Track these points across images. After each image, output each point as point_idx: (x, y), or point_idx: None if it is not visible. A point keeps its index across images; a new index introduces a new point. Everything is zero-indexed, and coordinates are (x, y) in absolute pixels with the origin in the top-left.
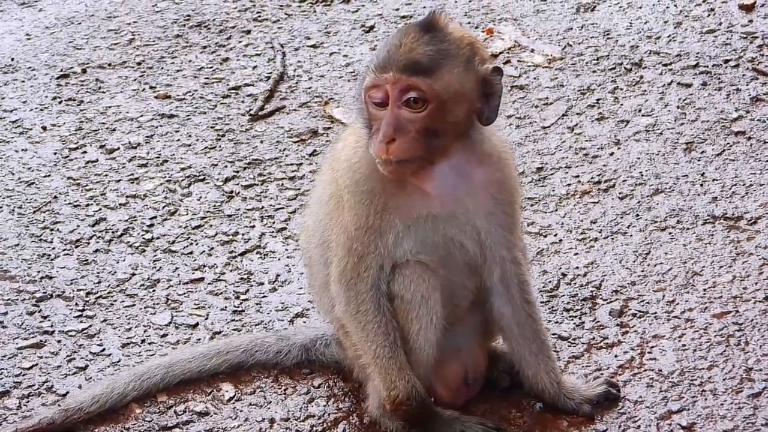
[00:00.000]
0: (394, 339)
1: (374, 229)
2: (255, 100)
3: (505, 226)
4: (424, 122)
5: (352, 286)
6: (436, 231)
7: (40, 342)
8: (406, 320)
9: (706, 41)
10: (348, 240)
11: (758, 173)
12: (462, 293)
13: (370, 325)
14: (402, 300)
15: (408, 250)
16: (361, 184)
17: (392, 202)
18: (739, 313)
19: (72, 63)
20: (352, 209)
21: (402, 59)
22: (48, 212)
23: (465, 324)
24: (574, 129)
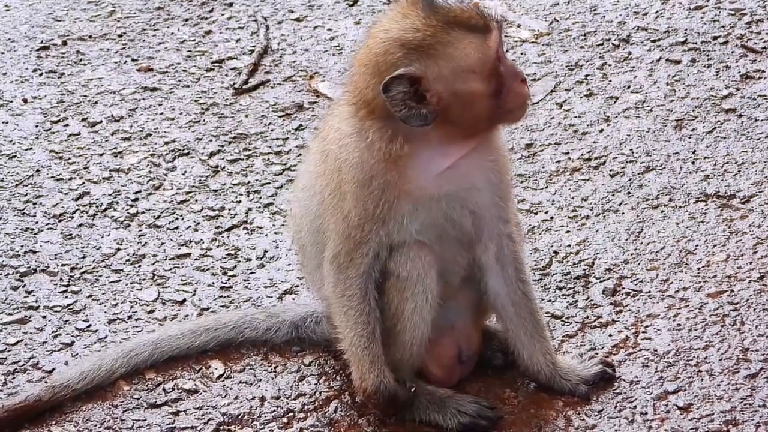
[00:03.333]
0: (373, 330)
1: (379, 218)
2: (239, 73)
3: (500, 201)
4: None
5: (344, 269)
6: (439, 211)
7: (25, 317)
8: (402, 298)
9: (694, 17)
10: (348, 228)
11: (750, 151)
12: (453, 269)
13: (352, 312)
14: (398, 278)
15: (411, 232)
16: (375, 177)
17: (403, 191)
18: (734, 293)
19: (52, 35)
20: (359, 201)
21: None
22: (30, 186)
23: (458, 301)
24: (562, 105)
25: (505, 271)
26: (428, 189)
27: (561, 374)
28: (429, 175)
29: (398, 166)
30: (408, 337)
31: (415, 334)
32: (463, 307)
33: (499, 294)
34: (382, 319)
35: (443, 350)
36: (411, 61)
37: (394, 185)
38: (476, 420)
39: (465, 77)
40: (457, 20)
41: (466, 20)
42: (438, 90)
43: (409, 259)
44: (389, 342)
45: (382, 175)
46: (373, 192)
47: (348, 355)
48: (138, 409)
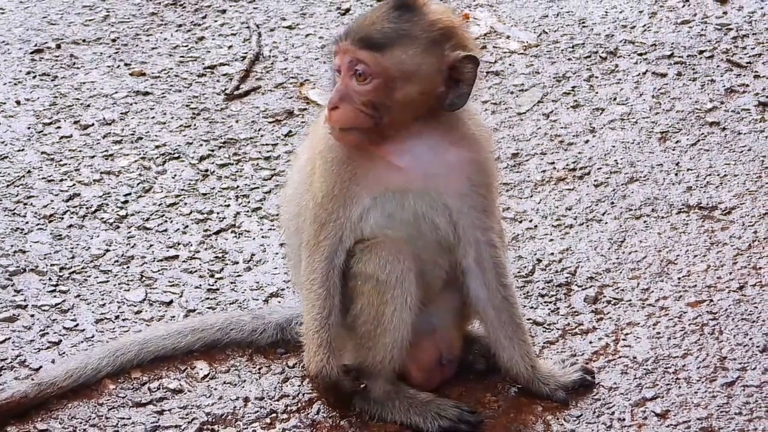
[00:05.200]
0: (327, 316)
1: (339, 198)
2: (230, 79)
3: (480, 208)
4: (368, 96)
5: (311, 254)
6: (405, 206)
7: (13, 316)
8: (381, 301)
9: (681, 32)
10: (315, 206)
11: (732, 164)
12: (434, 272)
13: (313, 294)
14: (377, 281)
15: (375, 224)
16: (333, 151)
17: (360, 173)
18: (713, 303)
19: (46, 38)
20: (322, 176)
21: (359, 32)
22: (21, 186)
23: (439, 305)
24: (549, 116)
25: (485, 275)
26: (384, 180)
27: (540, 378)
28: (385, 166)
29: (361, 149)
30: (388, 340)
31: (395, 337)
32: (444, 311)
33: (479, 298)
34: (362, 322)
35: (424, 353)
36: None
37: (349, 165)
38: (457, 424)
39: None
40: (341, 28)
41: (341, 29)
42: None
43: (388, 262)
44: (370, 344)
45: (340, 152)
46: (332, 168)
47: (302, 337)
48: (123, 408)
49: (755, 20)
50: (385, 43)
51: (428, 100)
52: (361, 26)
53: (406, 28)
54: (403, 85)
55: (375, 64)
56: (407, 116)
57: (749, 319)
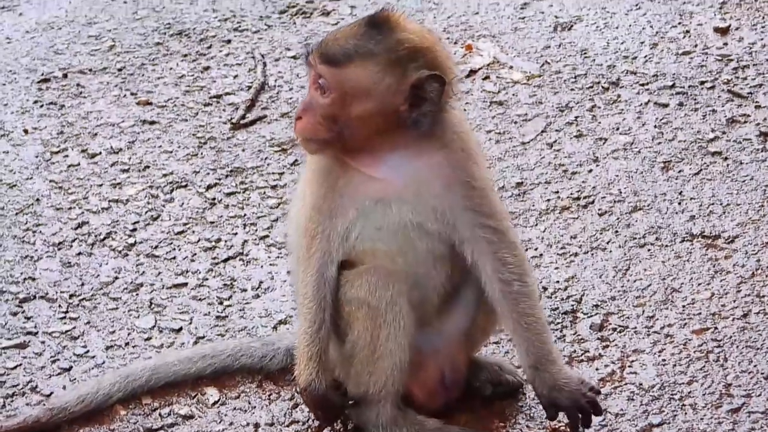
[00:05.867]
0: (317, 330)
1: (325, 209)
2: (236, 109)
3: (470, 206)
4: (327, 109)
5: (304, 268)
6: (389, 215)
7: (24, 342)
8: (375, 326)
9: (682, 62)
10: (305, 220)
11: (735, 193)
12: (429, 284)
13: (304, 309)
14: (369, 307)
15: (362, 236)
16: (318, 161)
17: (343, 184)
18: (718, 330)
19: (53, 68)
20: (310, 188)
21: (323, 47)
22: (30, 214)
23: (442, 325)
24: (553, 145)
25: (486, 272)
26: (365, 190)
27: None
28: (365, 176)
29: (345, 163)
30: (387, 364)
31: (393, 361)
32: (447, 332)
33: (486, 292)
34: (360, 347)
35: (426, 374)
36: None
37: (332, 176)
38: None
39: None
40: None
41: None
42: None
43: (378, 288)
44: (370, 370)
45: (324, 162)
46: (318, 179)
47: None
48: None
49: (755, 51)
50: (344, 59)
51: (388, 118)
52: (326, 41)
53: (370, 45)
54: (360, 101)
55: (332, 79)
56: (366, 131)
57: (753, 346)
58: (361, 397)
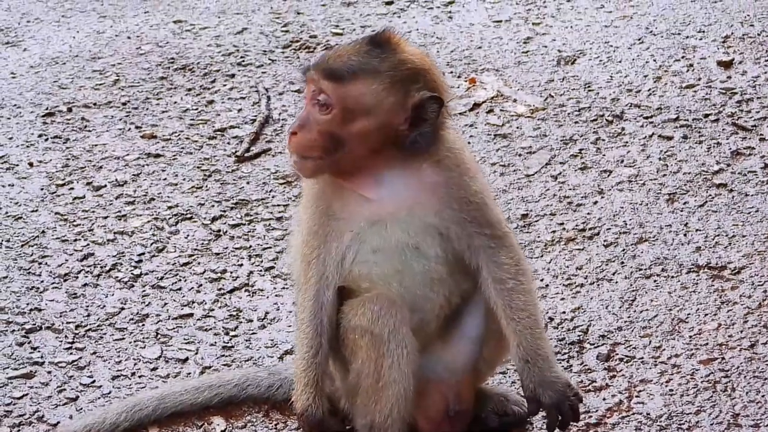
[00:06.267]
0: (314, 355)
1: (320, 234)
2: (241, 142)
3: (469, 219)
4: (326, 126)
5: (302, 292)
6: (385, 237)
7: (31, 372)
8: (378, 354)
9: (686, 96)
10: (302, 245)
11: (740, 225)
12: (427, 307)
13: (301, 334)
14: (372, 335)
15: (359, 260)
16: (312, 186)
17: (337, 207)
18: (725, 360)
19: (57, 102)
20: (305, 213)
21: (325, 63)
22: (36, 246)
23: (445, 354)
24: (557, 177)
25: (483, 275)
26: (361, 212)
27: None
28: (360, 198)
29: (333, 181)
30: (392, 393)
31: (398, 389)
32: (451, 361)
33: (485, 293)
34: (364, 376)
35: (431, 403)
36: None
37: (325, 199)
38: None
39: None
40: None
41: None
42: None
43: (380, 316)
44: (375, 399)
45: (317, 186)
46: (311, 202)
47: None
48: None
49: (759, 84)
50: (348, 75)
51: (387, 137)
52: (328, 57)
53: (374, 63)
54: (361, 119)
55: (335, 95)
56: (364, 150)
57: (761, 376)
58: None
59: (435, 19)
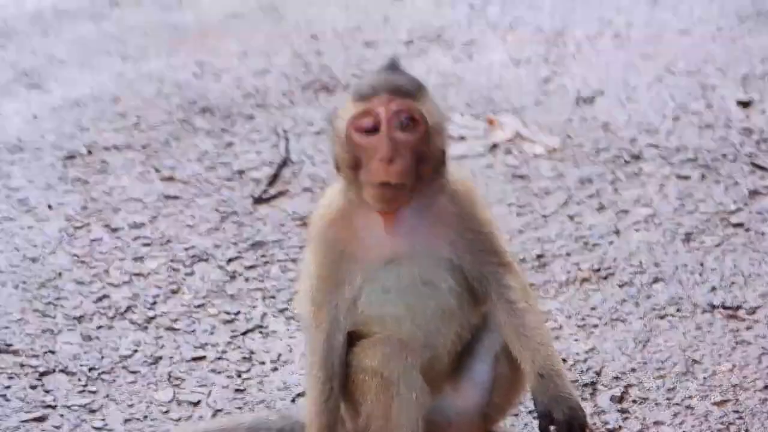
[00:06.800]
0: (327, 398)
1: (331, 279)
2: (258, 183)
3: (480, 248)
4: (416, 145)
5: (311, 335)
6: (398, 276)
7: (43, 416)
8: (388, 397)
9: (705, 136)
10: (311, 289)
11: (757, 264)
12: (439, 342)
13: (313, 379)
14: (382, 378)
15: (371, 300)
16: (322, 233)
17: (349, 251)
18: (739, 402)
19: (78, 144)
20: (315, 258)
21: (390, 84)
22: (52, 288)
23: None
24: (574, 218)
25: (492, 299)
26: (377, 252)
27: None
28: (376, 238)
29: (343, 225)
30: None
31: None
32: (462, 406)
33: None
34: (374, 418)
35: None
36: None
37: (337, 244)
38: None
39: (335, 138)
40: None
41: (358, 88)
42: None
43: (391, 359)
44: None
45: (327, 233)
46: (321, 250)
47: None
48: None
49: None
50: (418, 92)
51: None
52: (386, 81)
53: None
54: (436, 135)
55: (417, 112)
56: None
57: None
58: None
59: (455, 59)
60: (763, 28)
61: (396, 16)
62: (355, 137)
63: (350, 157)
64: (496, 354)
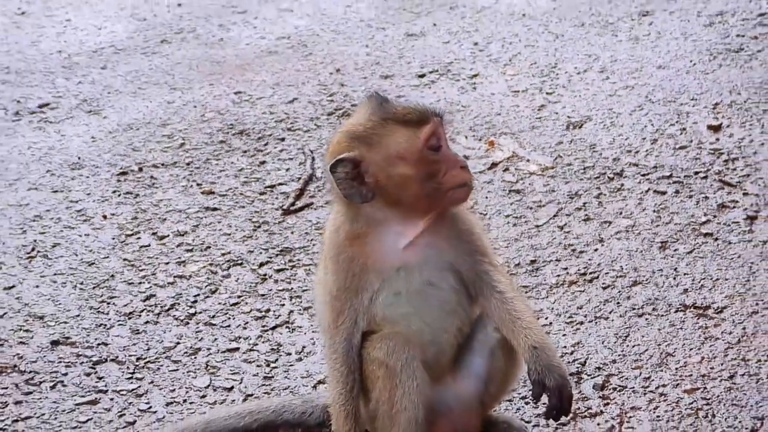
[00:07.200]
0: (350, 389)
1: (351, 289)
2: (287, 197)
3: (474, 251)
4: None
5: (332, 336)
6: (408, 281)
7: (95, 399)
8: (392, 385)
9: (679, 155)
10: (331, 299)
11: (724, 269)
12: (443, 339)
13: (336, 373)
14: (387, 367)
15: (383, 302)
16: (341, 253)
17: (369, 263)
18: (707, 390)
19: (130, 162)
20: (334, 274)
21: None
22: (105, 288)
23: (456, 386)
24: (563, 228)
25: (484, 289)
26: (391, 262)
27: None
28: (390, 251)
29: (361, 243)
30: (404, 419)
31: (409, 417)
32: (461, 394)
33: (485, 306)
34: (381, 403)
35: (441, 430)
36: (353, 148)
37: (358, 260)
38: None
39: (395, 162)
40: (395, 116)
41: (402, 116)
42: (374, 172)
43: (395, 351)
44: (389, 424)
45: (348, 252)
46: (342, 266)
47: (330, 408)
48: None
49: (744, 145)
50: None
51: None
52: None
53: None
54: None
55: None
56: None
57: (739, 404)
58: None
59: (461, 90)
60: (731, 63)
61: (410, 52)
62: (428, 155)
63: (423, 173)
64: (491, 348)
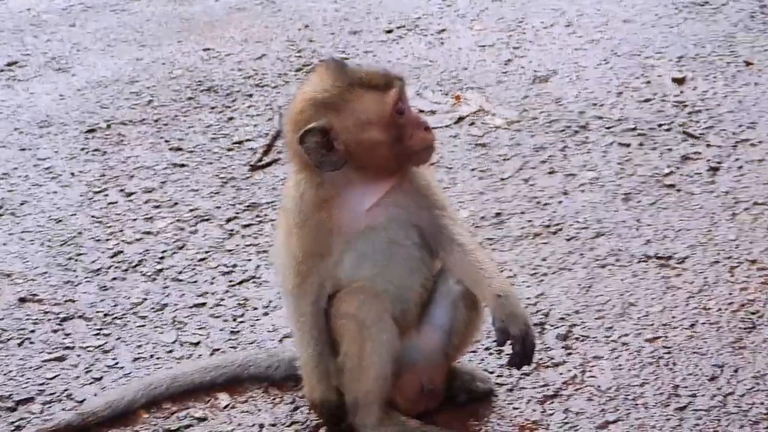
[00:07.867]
0: (321, 350)
1: (317, 253)
2: (255, 153)
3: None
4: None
5: (297, 299)
6: (373, 243)
7: (62, 356)
8: (362, 338)
9: (643, 108)
10: (296, 263)
11: (686, 220)
12: (408, 295)
13: (305, 335)
14: (357, 321)
15: (349, 265)
16: (308, 218)
17: (336, 227)
18: (668, 339)
19: (98, 120)
20: (300, 239)
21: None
22: (73, 245)
23: (420, 341)
24: (528, 181)
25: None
26: (357, 225)
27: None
28: (356, 213)
29: (328, 208)
30: (372, 373)
31: (378, 370)
32: (426, 348)
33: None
34: (350, 357)
35: (407, 384)
36: (320, 116)
37: (324, 224)
38: None
39: (365, 128)
40: (360, 81)
41: (368, 81)
42: (344, 139)
43: (365, 304)
44: (358, 377)
45: (315, 217)
46: (309, 231)
47: (302, 370)
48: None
49: (707, 98)
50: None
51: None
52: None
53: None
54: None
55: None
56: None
57: (699, 352)
58: (353, 401)
59: (428, 45)
60: (696, 16)
61: (378, 8)
62: (396, 118)
63: (392, 137)
64: (453, 301)
